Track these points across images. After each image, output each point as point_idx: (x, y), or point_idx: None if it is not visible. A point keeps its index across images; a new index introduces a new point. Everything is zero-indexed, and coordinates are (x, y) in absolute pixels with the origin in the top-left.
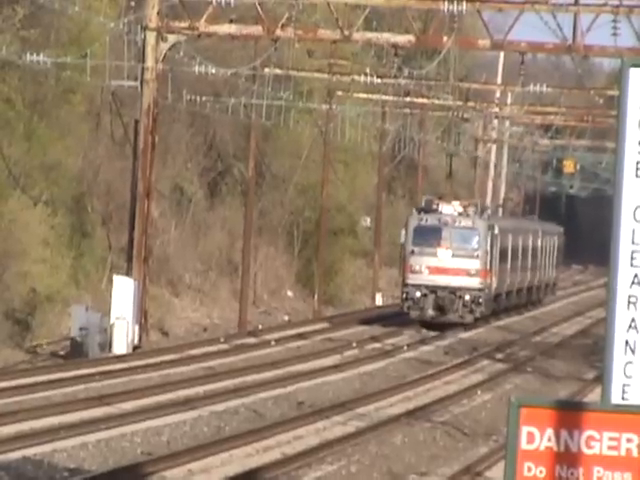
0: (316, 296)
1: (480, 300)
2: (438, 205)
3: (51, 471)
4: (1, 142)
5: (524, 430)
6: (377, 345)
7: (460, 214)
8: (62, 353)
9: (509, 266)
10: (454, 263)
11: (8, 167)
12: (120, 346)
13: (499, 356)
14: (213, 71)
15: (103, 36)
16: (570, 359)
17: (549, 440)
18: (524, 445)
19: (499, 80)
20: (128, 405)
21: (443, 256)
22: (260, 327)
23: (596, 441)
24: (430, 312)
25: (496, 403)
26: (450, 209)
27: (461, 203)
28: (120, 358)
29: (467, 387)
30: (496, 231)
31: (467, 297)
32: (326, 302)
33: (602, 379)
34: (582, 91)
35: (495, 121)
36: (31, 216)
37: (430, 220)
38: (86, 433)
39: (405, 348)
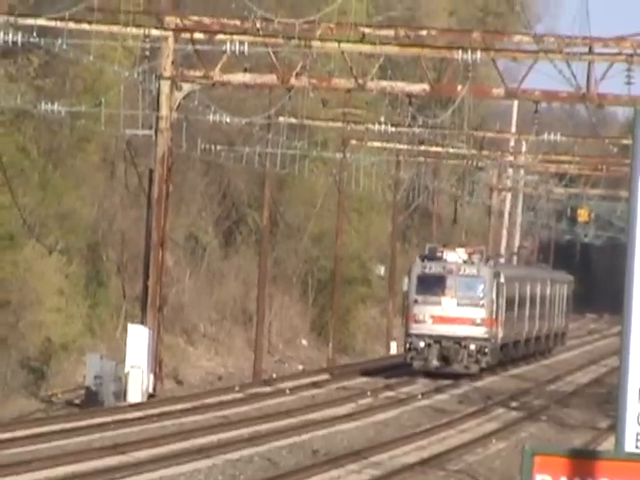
0: (330, 345)
1: (486, 350)
2: (442, 252)
3: None
4: (16, 191)
5: (538, 478)
6: (391, 394)
7: (465, 262)
8: (77, 402)
9: (516, 315)
10: (459, 312)
11: (23, 216)
12: (135, 395)
13: (514, 404)
14: (227, 120)
15: (117, 85)
16: (584, 408)
17: None
18: None
19: (513, 129)
20: (143, 454)
21: (447, 305)
22: (274, 376)
23: None
24: (434, 362)
25: (511, 451)
26: (455, 256)
27: (466, 250)
28: (135, 407)
29: (482, 435)
30: (502, 279)
31: (472, 347)
32: (340, 351)
33: (616, 428)
34: (596, 140)
35: (510, 170)
36: (46, 265)
37: (434, 268)
38: None
39: (419, 397)
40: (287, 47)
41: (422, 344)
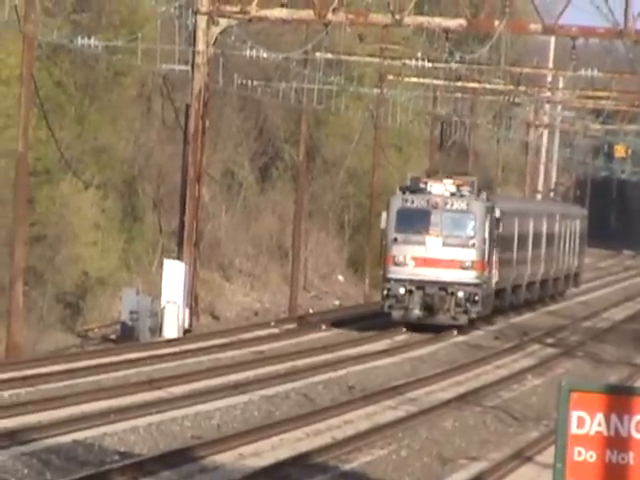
0: (367, 280)
1: (476, 297)
2: (427, 184)
3: (102, 455)
4: (53, 126)
5: (574, 415)
6: (428, 330)
7: (453, 194)
8: (113, 337)
9: (515, 256)
10: (445, 254)
11: (60, 151)
12: (170, 330)
13: (550, 341)
14: (264, 55)
15: (154, 19)
16: (620, 344)
17: (599, 425)
18: (574, 430)
19: (550, 64)
20: (178, 389)
21: (432, 245)
22: (311, 311)
23: None
24: (416, 312)
25: (547, 388)
26: (441, 188)
27: (454, 181)
28: (170, 342)
29: (518, 371)
30: (497, 214)
31: (460, 294)
32: (377, 287)
33: None
34: (634, 76)
35: (546, 106)
36: (82, 200)
37: (417, 202)
38: (137, 417)
39: (455, 333)
40: None
41: (402, 290)
